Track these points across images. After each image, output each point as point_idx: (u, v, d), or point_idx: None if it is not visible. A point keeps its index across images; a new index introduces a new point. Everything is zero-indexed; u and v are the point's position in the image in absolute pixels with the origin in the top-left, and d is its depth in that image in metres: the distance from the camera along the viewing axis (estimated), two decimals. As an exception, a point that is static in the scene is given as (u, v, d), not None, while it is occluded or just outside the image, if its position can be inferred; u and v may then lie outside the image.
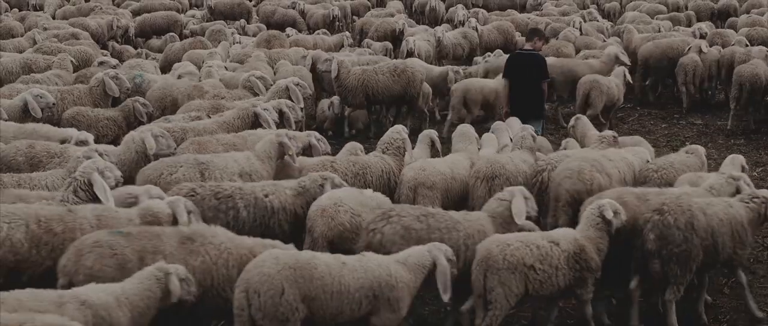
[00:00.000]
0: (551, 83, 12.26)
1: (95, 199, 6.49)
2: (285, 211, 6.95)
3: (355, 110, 12.97)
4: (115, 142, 10.52)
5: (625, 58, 13.67)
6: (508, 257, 5.91)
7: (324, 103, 13.23)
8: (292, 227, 6.97)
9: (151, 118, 11.13)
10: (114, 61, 13.68)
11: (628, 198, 6.78)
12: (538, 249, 6.00)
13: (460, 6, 21.90)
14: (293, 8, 23.17)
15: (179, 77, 12.66)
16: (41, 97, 10.12)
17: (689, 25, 19.66)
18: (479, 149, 9.05)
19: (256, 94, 11.42)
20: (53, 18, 21.85)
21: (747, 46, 15.27)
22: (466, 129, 9.37)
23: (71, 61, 12.53)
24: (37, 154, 8.17)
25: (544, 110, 11.70)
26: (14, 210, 5.93)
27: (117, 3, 25.94)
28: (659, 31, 17.67)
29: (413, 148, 8.80)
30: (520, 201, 6.52)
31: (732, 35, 17.02)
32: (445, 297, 5.71)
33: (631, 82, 13.67)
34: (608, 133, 9.04)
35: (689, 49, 14.66)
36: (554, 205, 7.53)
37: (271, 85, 11.53)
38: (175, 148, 8.20)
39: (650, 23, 19.33)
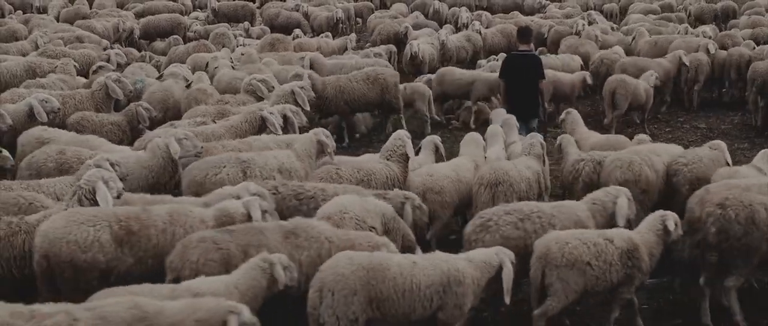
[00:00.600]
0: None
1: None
2: None
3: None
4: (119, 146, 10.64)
5: (687, 59, 14.29)
6: (567, 254, 6.12)
7: None
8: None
9: (153, 122, 11.17)
10: (111, 66, 13.64)
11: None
12: (595, 247, 6.20)
13: (463, 9, 21.86)
14: (296, 10, 23.19)
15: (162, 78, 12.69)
16: (47, 102, 10.15)
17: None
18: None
19: (259, 98, 11.43)
20: (57, 20, 21.89)
21: (754, 48, 15.46)
22: (475, 136, 9.42)
23: (74, 65, 12.51)
24: (68, 160, 8.23)
25: (542, 109, 11.62)
26: (95, 213, 6.14)
27: (120, 4, 25.93)
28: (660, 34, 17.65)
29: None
30: (624, 203, 6.87)
31: (738, 36, 17.12)
32: (507, 300, 5.92)
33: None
34: (644, 137, 9.72)
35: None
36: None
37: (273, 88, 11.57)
38: (201, 148, 8.24)
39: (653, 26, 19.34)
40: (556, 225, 6.61)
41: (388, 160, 8.38)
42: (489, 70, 14.43)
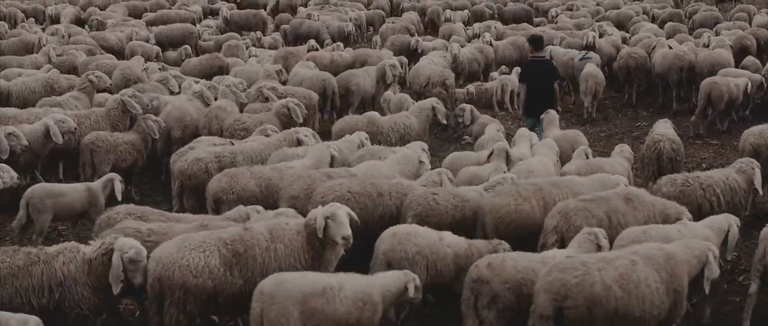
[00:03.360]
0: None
1: None
2: None
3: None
4: (134, 166, 10.68)
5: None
6: None
7: None
8: None
9: (170, 139, 11.22)
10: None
11: None
12: None
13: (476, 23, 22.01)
14: (309, 18, 23.22)
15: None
16: (63, 122, 10.15)
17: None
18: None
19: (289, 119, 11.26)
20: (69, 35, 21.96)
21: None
22: (526, 131, 10.82)
23: (92, 81, 12.49)
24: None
25: (557, 106, 12.80)
26: (203, 239, 6.35)
27: (132, 13, 26.00)
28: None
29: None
30: (759, 175, 8.59)
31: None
32: (728, 256, 7.24)
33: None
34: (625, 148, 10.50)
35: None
36: (741, 156, 9.79)
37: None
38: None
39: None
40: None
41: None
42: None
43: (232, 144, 9.85)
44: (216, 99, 12.14)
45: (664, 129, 10.70)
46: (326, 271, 6.53)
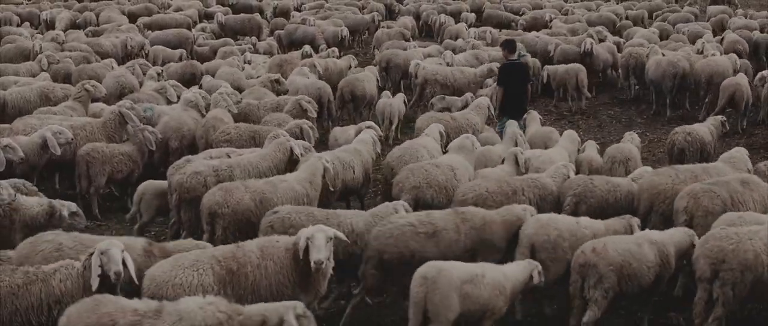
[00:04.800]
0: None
1: None
2: None
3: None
4: (130, 177, 10.70)
5: None
6: None
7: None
8: None
9: (167, 148, 11.25)
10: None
11: None
12: None
13: (470, 28, 22.09)
14: (303, 24, 23.25)
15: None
16: (60, 134, 10.16)
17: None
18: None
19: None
20: (64, 31, 21.93)
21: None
22: (572, 133, 11.44)
23: (88, 89, 12.51)
24: None
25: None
26: (197, 257, 6.42)
27: (128, 17, 26.02)
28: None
29: None
30: None
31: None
32: None
33: None
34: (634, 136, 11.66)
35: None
36: None
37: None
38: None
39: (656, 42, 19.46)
40: None
41: None
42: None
43: (229, 156, 9.88)
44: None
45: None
46: (315, 293, 6.69)
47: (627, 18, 25.93)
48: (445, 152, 10.42)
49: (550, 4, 29.17)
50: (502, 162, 10.12)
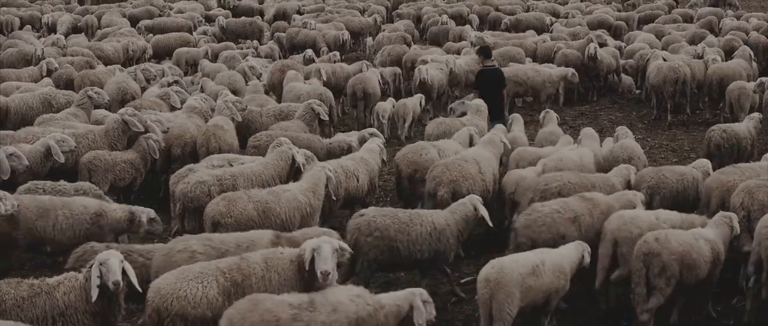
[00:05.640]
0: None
1: None
2: None
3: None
4: (133, 184, 10.72)
5: None
6: None
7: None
8: None
9: (169, 156, 11.27)
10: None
11: None
12: None
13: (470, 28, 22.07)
14: (304, 27, 23.28)
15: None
16: (63, 142, 10.15)
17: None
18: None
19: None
20: (65, 36, 21.99)
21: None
22: (591, 131, 11.72)
23: (91, 96, 12.53)
24: None
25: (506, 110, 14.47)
26: (201, 269, 6.44)
27: (129, 20, 26.08)
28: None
29: None
30: None
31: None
32: None
33: None
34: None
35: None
36: None
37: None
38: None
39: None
40: None
41: None
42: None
43: (231, 164, 9.91)
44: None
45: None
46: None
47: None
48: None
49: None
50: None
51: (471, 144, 11.16)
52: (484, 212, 8.33)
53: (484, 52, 14.46)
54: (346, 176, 9.82)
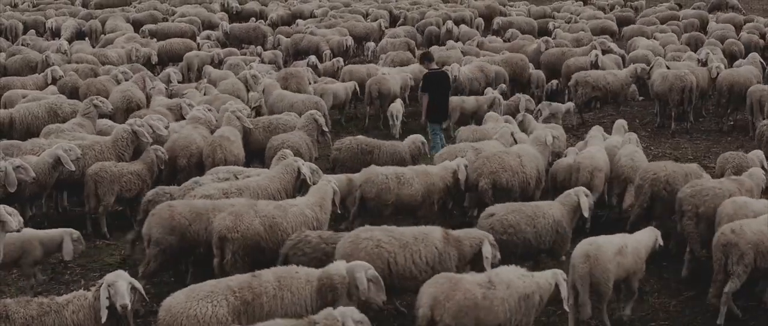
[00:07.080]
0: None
1: None
2: None
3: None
4: (139, 195, 10.72)
5: None
6: None
7: None
8: None
9: (175, 167, 11.29)
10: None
11: None
12: None
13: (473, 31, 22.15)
14: (307, 32, 23.32)
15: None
16: (71, 151, 10.19)
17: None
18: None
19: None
20: (69, 42, 22.02)
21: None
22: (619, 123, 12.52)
23: (96, 106, 12.54)
24: None
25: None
26: (212, 288, 6.47)
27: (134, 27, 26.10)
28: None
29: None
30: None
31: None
32: None
33: None
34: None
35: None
36: None
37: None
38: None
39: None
40: None
41: None
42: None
43: (236, 176, 9.92)
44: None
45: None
46: None
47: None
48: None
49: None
50: None
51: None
52: (583, 203, 8.79)
53: (427, 57, 15.09)
54: (399, 182, 10.05)
